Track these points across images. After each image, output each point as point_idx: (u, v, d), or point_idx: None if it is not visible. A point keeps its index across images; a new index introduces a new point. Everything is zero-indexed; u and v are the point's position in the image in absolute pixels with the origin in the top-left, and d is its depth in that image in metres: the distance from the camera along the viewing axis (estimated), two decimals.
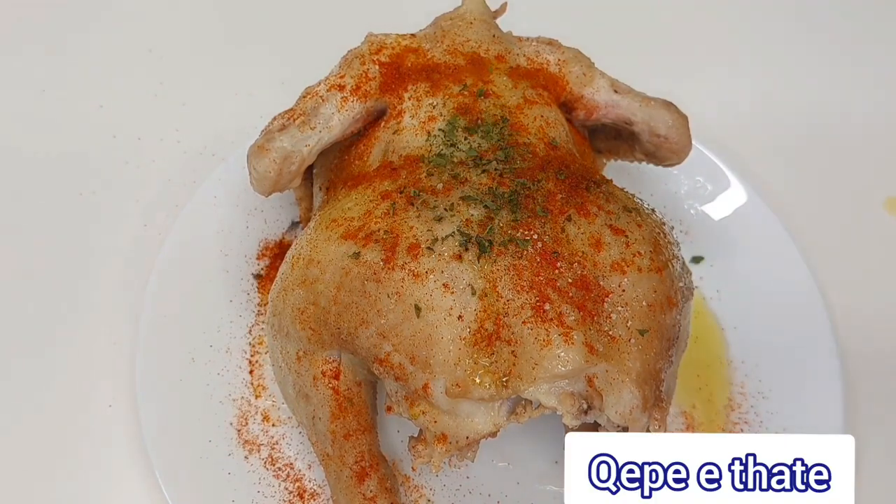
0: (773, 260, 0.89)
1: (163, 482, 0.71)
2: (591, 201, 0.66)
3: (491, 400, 0.59)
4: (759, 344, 0.85)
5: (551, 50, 0.80)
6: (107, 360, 0.82)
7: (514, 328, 0.59)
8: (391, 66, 0.76)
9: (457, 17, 0.81)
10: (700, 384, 0.84)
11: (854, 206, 1.02)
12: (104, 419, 0.79)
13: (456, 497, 0.76)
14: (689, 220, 0.94)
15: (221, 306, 0.84)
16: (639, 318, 0.62)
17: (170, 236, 0.85)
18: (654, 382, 0.62)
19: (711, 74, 1.14)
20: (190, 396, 0.78)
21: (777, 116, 1.10)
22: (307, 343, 0.67)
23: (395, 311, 0.61)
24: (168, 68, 1.07)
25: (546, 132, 0.74)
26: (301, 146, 0.73)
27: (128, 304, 0.85)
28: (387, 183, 0.69)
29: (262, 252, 0.89)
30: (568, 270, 0.61)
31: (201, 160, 0.97)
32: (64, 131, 1.00)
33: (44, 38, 1.08)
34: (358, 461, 0.68)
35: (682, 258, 0.69)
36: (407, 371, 0.61)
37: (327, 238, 0.67)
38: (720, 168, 0.94)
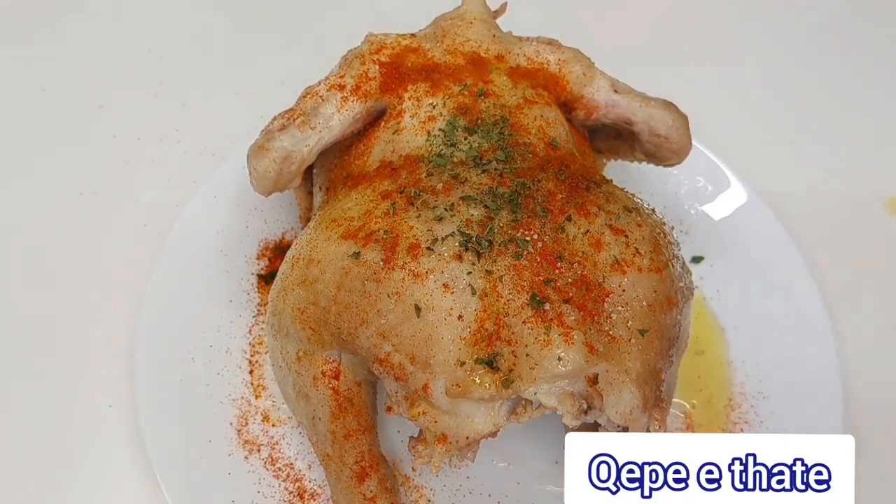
0: (773, 260, 0.89)
1: (163, 482, 0.72)
2: (591, 201, 0.66)
3: (491, 400, 0.59)
4: (759, 344, 0.86)
5: (551, 50, 0.80)
6: (107, 360, 0.82)
7: (514, 328, 0.59)
8: (391, 66, 0.76)
9: (457, 17, 0.81)
10: (700, 384, 0.84)
11: (854, 207, 1.01)
12: (104, 419, 0.79)
13: (456, 497, 0.76)
14: (689, 220, 0.94)
15: (221, 306, 0.84)
16: (639, 318, 0.62)
17: (170, 236, 0.85)
18: (654, 382, 0.62)
19: (712, 74, 1.14)
20: (190, 396, 0.78)
21: (777, 117, 1.10)
22: (307, 343, 0.67)
23: (395, 311, 0.61)
24: (168, 68, 1.07)
25: (546, 132, 0.74)
26: (301, 146, 0.73)
27: (128, 304, 0.85)
28: (387, 183, 0.69)
29: (262, 252, 0.89)
30: (568, 270, 0.61)
31: (201, 160, 0.97)
32: (64, 131, 1.00)
33: (44, 37, 1.08)
34: (358, 461, 0.68)
35: (682, 258, 0.69)
36: (407, 371, 0.61)
37: (327, 238, 0.67)
38: (720, 168, 0.94)
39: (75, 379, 0.81)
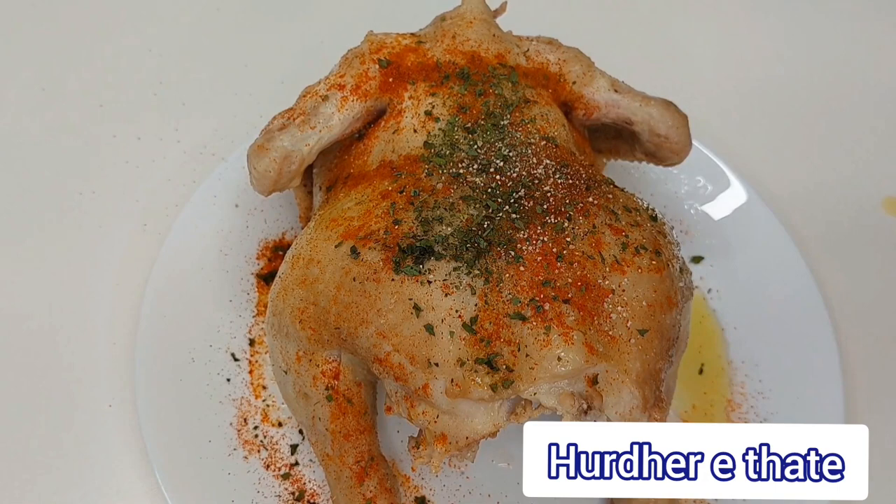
0: (773, 260, 0.89)
1: (163, 482, 0.72)
2: (591, 201, 0.66)
3: (490, 400, 0.59)
4: (759, 344, 0.85)
5: (551, 49, 0.80)
6: (107, 360, 0.82)
7: (513, 328, 0.59)
8: (391, 65, 0.76)
9: (457, 17, 0.81)
10: (700, 384, 0.84)
11: (853, 206, 1.01)
12: (104, 419, 0.79)
13: (456, 497, 0.76)
14: (689, 220, 0.94)
15: (221, 306, 0.84)
16: (639, 318, 0.62)
17: (170, 236, 0.85)
18: (654, 382, 0.62)
19: (712, 74, 1.14)
20: (190, 396, 0.78)
21: (777, 116, 1.10)
22: (307, 343, 0.67)
23: (394, 311, 0.61)
24: (168, 68, 1.07)
25: (546, 132, 0.73)
26: (301, 145, 0.73)
27: (128, 304, 0.85)
28: (387, 183, 0.69)
29: (262, 252, 0.89)
30: (568, 270, 0.61)
31: (201, 160, 0.97)
32: (64, 131, 1.00)
33: (44, 37, 1.08)
34: (358, 461, 0.68)
35: (682, 258, 0.69)
36: (406, 371, 0.61)
37: (327, 238, 0.67)
38: (720, 168, 0.94)
39: (75, 379, 0.81)
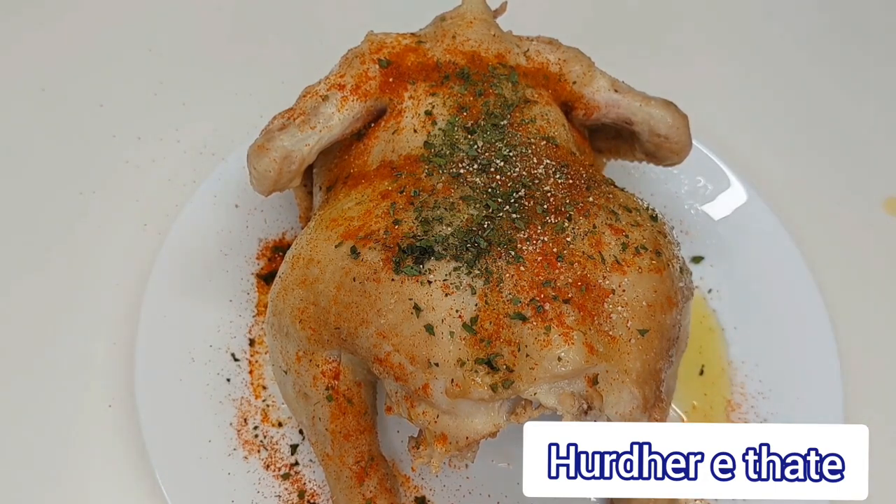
0: (773, 260, 0.89)
1: (163, 482, 0.72)
2: (591, 201, 0.66)
3: (490, 400, 0.59)
4: (759, 344, 0.85)
5: (551, 49, 0.80)
6: (106, 360, 0.82)
7: (513, 328, 0.59)
8: (391, 65, 0.76)
9: (457, 17, 0.81)
10: (700, 384, 0.84)
11: (854, 207, 1.01)
12: (104, 419, 0.79)
13: (456, 497, 0.76)
14: (689, 220, 0.94)
15: (221, 306, 0.84)
16: (639, 318, 0.62)
17: (170, 236, 0.85)
18: (654, 382, 0.62)
19: (711, 74, 1.14)
20: (190, 396, 0.78)
21: (777, 116, 1.10)
22: (307, 343, 0.67)
23: (394, 311, 0.61)
24: (168, 68, 1.07)
25: (546, 132, 0.73)
26: (301, 145, 0.73)
27: (128, 304, 0.85)
28: (387, 183, 0.69)
29: (262, 252, 0.89)
30: (568, 270, 0.61)
31: (201, 160, 0.97)
32: (64, 131, 1.00)
33: (44, 37, 1.08)
34: (358, 461, 0.68)
35: (682, 258, 0.69)
36: (406, 371, 0.61)
37: (327, 238, 0.67)
38: (720, 168, 0.94)
39: (75, 379, 0.81)
